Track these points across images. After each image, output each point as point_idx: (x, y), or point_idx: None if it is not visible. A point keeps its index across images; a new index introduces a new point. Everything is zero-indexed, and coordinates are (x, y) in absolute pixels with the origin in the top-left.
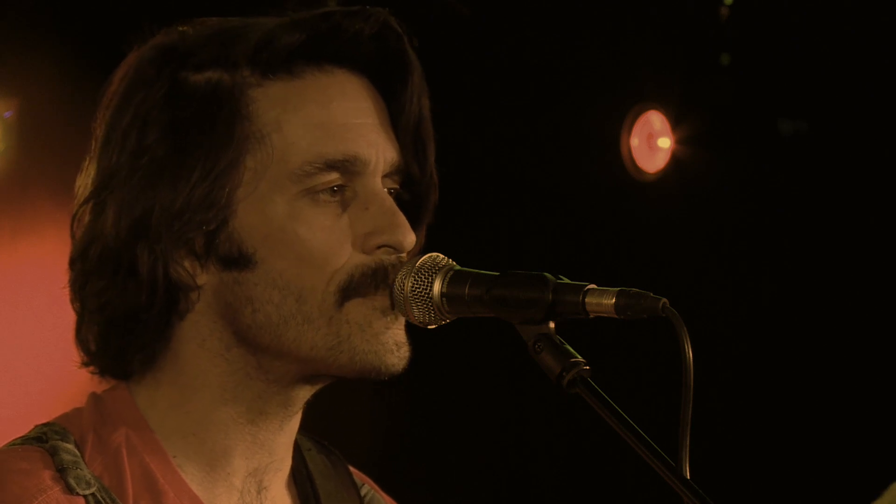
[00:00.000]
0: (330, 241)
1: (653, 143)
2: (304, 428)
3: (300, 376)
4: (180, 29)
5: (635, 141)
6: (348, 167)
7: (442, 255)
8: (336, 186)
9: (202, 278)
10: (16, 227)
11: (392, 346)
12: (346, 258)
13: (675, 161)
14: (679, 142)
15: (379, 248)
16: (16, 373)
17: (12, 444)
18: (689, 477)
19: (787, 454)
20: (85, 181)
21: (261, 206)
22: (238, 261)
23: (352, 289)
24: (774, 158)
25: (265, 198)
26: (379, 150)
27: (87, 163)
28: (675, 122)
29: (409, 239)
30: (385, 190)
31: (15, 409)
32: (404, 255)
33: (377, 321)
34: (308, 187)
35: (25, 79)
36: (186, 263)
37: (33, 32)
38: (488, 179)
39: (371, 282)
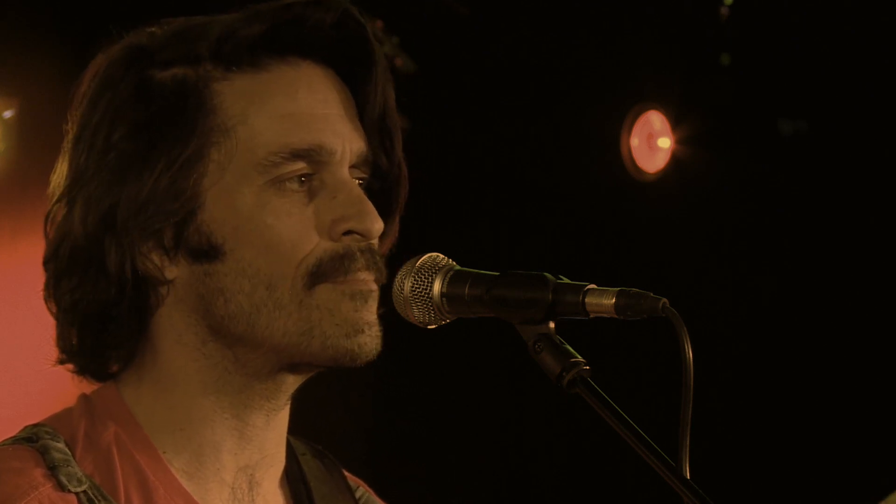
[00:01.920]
0: (297, 228)
1: (653, 143)
2: (299, 431)
3: (277, 367)
4: (149, 30)
5: (635, 141)
6: (314, 156)
7: (442, 255)
8: (303, 176)
9: (172, 272)
10: (16, 227)
11: (362, 326)
12: (314, 245)
13: (675, 161)
14: (679, 142)
15: (346, 234)
16: (16, 373)
17: (2, 444)
18: (689, 477)
19: (787, 454)
20: (57, 181)
21: (228, 197)
22: (207, 252)
23: (321, 273)
24: (774, 158)
25: (232, 189)
26: (345, 140)
27: (58, 163)
28: (675, 122)
29: (377, 226)
30: (352, 179)
31: (15, 409)
32: (374, 242)
33: (345, 304)
34: (274, 177)
35: (25, 79)
36: (154, 257)
37: (33, 32)
38: (488, 179)
39: (339, 266)
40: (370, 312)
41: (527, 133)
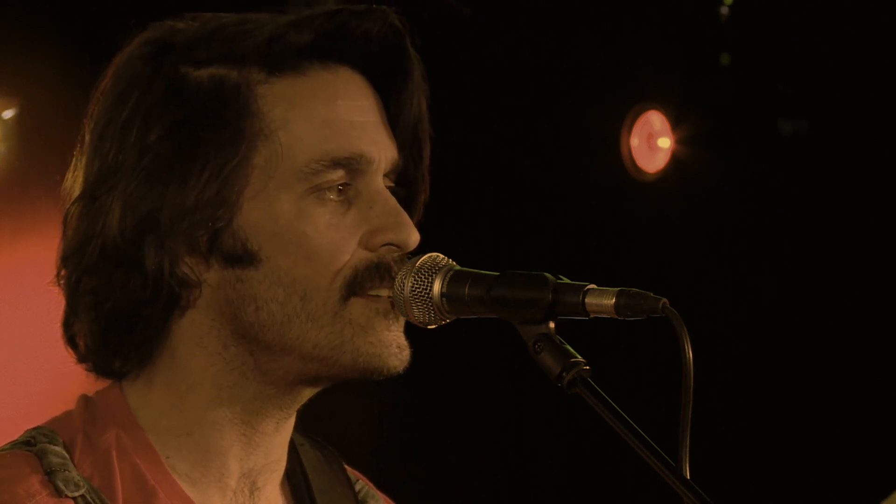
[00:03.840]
0: (336, 239)
1: (653, 143)
2: (300, 428)
3: (299, 377)
4: (171, 24)
5: (635, 141)
6: (353, 165)
7: (442, 255)
8: (341, 185)
9: (204, 275)
10: (16, 227)
11: (395, 350)
12: (351, 255)
13: (675, 161)
14: (679, 142)
15: (383, 245)
16: (16, 373)
17: (1, 449)
18: (689, 477)
19: (787, 454)
20: (76, 178)
21: (267, 203)
22: (242, 258)
23: (357, 284)
24: (774, 158)
25: (272, 196)
26: (382, 149)
27: (76, 160)
28: (675, 122)
29: (414, 238)
30: (387, 189)
31: (15, 409)
32: (407, 254)
33: (379, 323)
34: (314, 185)
35: (25, 79)
36: (189, 260)
37: (33, 32)
38: (488, 179)
39: (376, 276)
40: (401, 334)
41: (527, 133)
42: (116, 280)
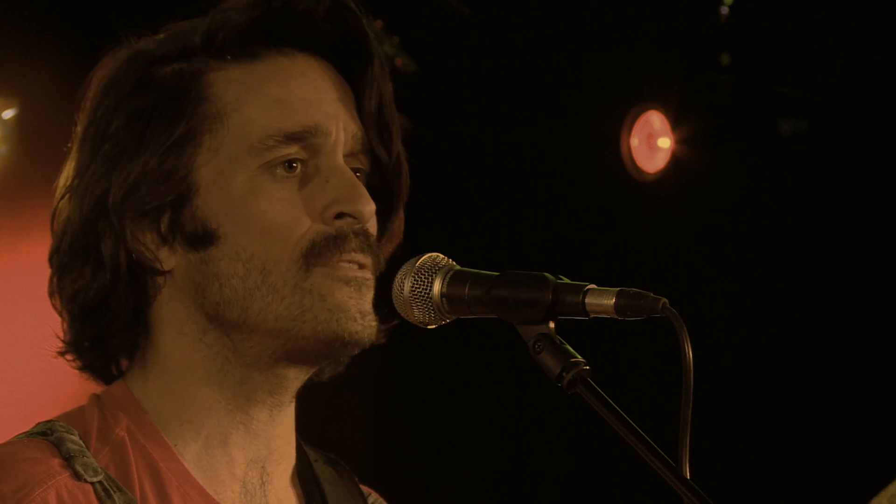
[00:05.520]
0: (290, 212)
1: (653, 143)
2: (301, 433)
3: (273, 356)
4: (154, 37)
5: (635, 141)
6: (308, 138)
7: (442, 255)
8: (296, 161)
9: (170, 262)
10: (16, 227)
11: (355, 314)
12: (307, 228)
13: (675, 161)
14: (679, 142)
15: (339, 217)
16: (16, 373)
17: (17, 437)
18: (689, 477)
19: (787, 454)
20: (64, 178)
21: (222, 182)
22: (203, 238)
23: (314, 254)
24: (774, 158)
25: (226, 174)
26: (339, 123)
27: (66, 163)
28: (675, 122)
29: (369, 208)
30: (345, 165)
31: (15, 409)
32: (368, 226)
33: (338, 291)
34: (267, 161)
35: (25, 79)
36: (150, 243)
37: (33, 32)
38: (488, 179)
39: (333, 247)
40: (364, 301)
41: (527, 133)
42: (85, 273)
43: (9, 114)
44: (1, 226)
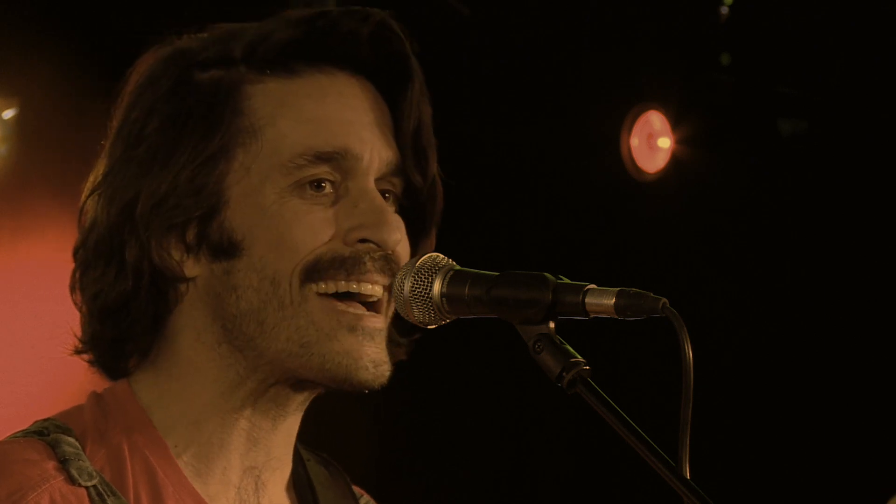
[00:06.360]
0: (310, 228)
1: (653, 143)
2: (301, 433)
3: (283, 377)
4: (198, 35)
5: (635, 141)
6: (339, 161)
7: (442, 255)
8: (326, 181)
9: (193, 270)
10: (16, 227)
11: (366, 364)
12: (322, 245)
13: (675, 161)
14: (679, 142)
15: (361, 242)
16: (16, 373)
17: (13, 436)
18: (689, 477)
19: (787, 454)
20: (95, 174)
21: (252, 197)
22: (227, 250)
23: (315, 270)
24: (774, 158)
25: (256, 189)
26: (373, 149)
27: (99, 158)
28: (675, 122)
29: (393, 237)
30: (377, 190)
31: (15, 409)
32: (392, 252)
33: (344, 336)
34: (297, 179)
35: (25, 79)
36: (175, 252)
37: (33, 32)
38: (488, 179)
39: (340, 267)
40: (379, 350)
41: (527, 133)
42: (108, 274)
43: (9, 114)
44: (1, 226)
